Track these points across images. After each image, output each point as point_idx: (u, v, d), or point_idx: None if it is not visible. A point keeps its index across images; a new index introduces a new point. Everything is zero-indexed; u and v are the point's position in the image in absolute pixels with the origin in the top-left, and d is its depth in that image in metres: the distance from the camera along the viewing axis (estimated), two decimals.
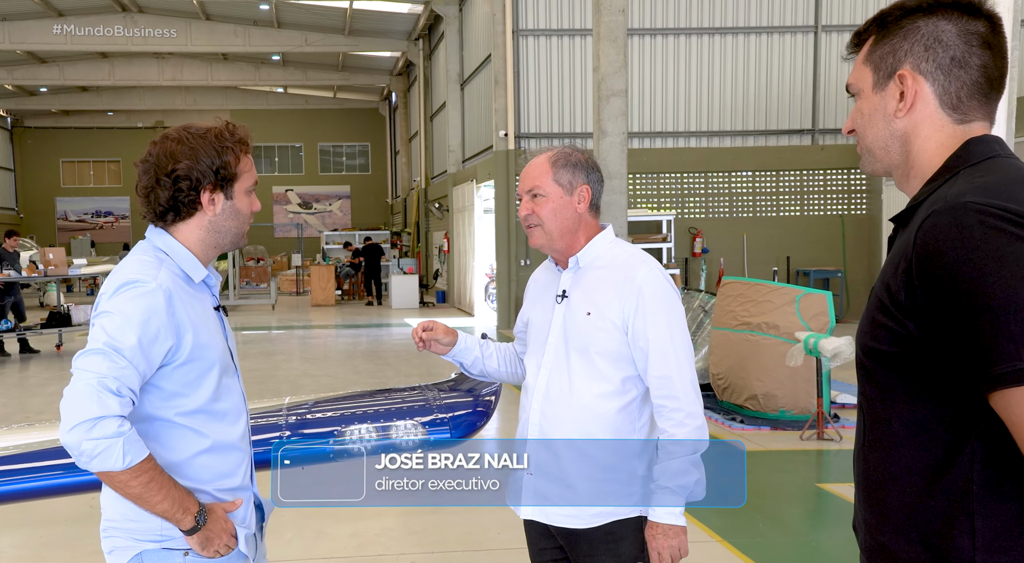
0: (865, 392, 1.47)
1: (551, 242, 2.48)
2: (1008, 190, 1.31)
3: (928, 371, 1.34)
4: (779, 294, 7.93)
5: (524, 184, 2.50)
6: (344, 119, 38.69)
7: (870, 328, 1.41)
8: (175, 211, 2.09)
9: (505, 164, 15.86)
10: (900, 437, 1.39)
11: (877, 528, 1.43)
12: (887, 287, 1.37)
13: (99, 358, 1.92)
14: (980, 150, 1.42)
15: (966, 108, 1.44)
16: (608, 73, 10.96)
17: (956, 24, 1.42)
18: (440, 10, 21.27)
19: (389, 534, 5.17)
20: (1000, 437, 1.28)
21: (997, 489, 1.30)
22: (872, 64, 1.50)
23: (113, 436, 1.86)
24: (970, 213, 1.27)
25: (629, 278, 2.38)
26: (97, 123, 38.57)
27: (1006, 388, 1.21)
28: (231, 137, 2.10)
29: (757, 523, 5.31)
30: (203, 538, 2.03)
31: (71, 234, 36.76)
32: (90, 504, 5.54)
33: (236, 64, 31.17)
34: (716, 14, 16.14)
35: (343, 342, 15.04)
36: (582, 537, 2.39)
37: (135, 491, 1.93)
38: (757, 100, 16.34)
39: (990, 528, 1.29)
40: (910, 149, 1.48)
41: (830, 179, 16.40)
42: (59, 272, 13.31)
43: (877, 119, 1.50)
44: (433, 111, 25.38)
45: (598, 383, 2.38)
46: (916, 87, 1.44)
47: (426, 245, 26.62)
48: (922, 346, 1.33)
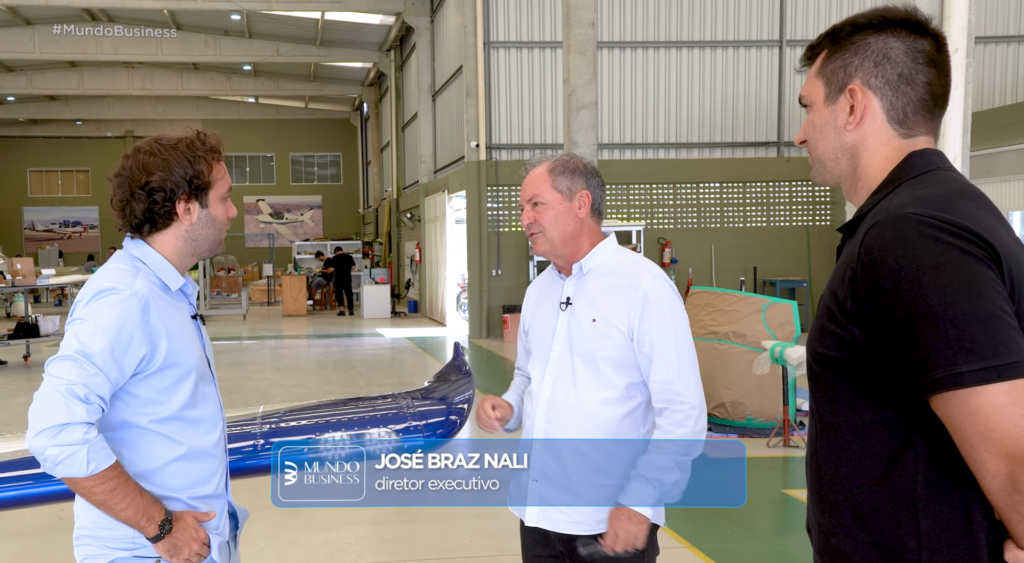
0: (815, 398, 1.51)
1: (554, 249, 2.48)
2: (946, 202, 1.36)
3: (874, 376, 1.38)
4: (746, 304, 8.06)
5: (524, 193, 2.52)
6: (316, 129, 38.61)
7: (819, 335, 1.45)
8: (151, 223, 2.10)
9: (477, 175, 15.94)
10: (848, 441, 1.43)
11: (829, 530, 1.47)
12: (834, 295, 1.41)
13: (69, 364, 1.92)
14: (921, 163, 1.47)
15: (911, 123, 1.49)
16: (578, 85, 11.09)
17: (904, 42, 1.47)
18: (411, 21, 21.34)
19: (362, 543, 5.20)
20: (943, 440, 1.32)
21: (941, 490, 1.34)
22: (824, 78, 1.55)
23: (78, 443, 1.88)
24: (910, 224, 1.32)
25: (634, 285, 2.39)
26: (66, 132, 38.20)
27: (944, 392, 1.26)
28: (203, 146, 2.11)
29: (725, 529, 5.40)
30: (170, 545, 2.03)
31: (39, 244, 36.34)
32: (59, 515, 5.54)
33: (207, 74, 31.02)
34: (684, 28, 16.35)
35: (315, 352, 15.01)
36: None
37: (99, 497, 1.94)
38: (724, 113, 16.56)
39: (934, 528, 1.34)
40: (858, 161, 1.53)
41: (795, 191, 16.64)
42: (27, 282, 13.17)
43: (828, 131, 1.55)
44: (405, 122, 25.42)
45: (603, 389, 2.38)
46: (865, 101, 1.49)
47: (398, 255, 26.60)
48: (868, 352, 1.37)
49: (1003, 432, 1.23)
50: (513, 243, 16.07)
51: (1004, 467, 1.23)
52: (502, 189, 16.01)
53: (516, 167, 15.96)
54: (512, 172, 16.01)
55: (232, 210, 2.22)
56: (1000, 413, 1.23)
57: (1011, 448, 1.22)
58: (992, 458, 1.24)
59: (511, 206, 16.08)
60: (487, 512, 5.68)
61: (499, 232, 16.05)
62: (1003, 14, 16.44)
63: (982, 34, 15.44)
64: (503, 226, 16.08)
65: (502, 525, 5.30)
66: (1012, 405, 1.23)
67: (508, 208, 16.08)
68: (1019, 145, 12.14)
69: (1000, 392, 1.23)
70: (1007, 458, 1.22)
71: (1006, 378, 1.23)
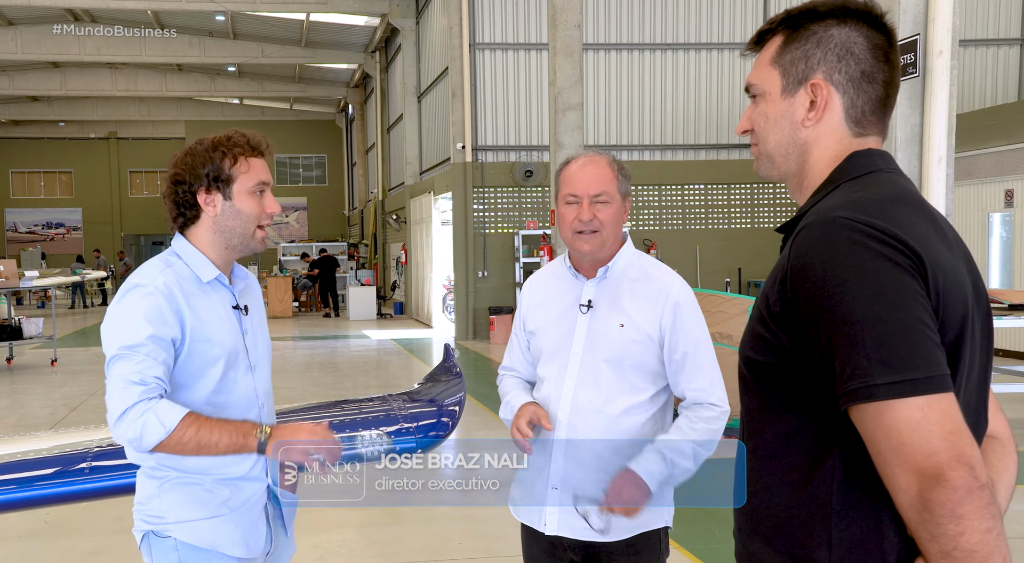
0: (745, 402, 1.47)
1: (602, 250, 2.40)
2: (879, 207, 1.31)
3: (798, 384, 1.34)
4: (732, 305, 8.10)
5: (587, 187, 2.37)
6: (301, 131, 38.50)
7: (750, 339, 1.42)
8: (181, 215, 2.26)
9: (462, 176, 15.95)
10: (772, 448, 1.40)
11: (748, 536, 1.44)
12: (765, 298, 1.38)
13: (118, 363, 2.09)
14: (862, 164, 1.42)
15: (867, 122, 1.44)
16: (564, 87, 11.12)
17: (865, 36, 1.41)
18: (397, 23, 21.33)
19: (351, 545, 5.20)
20: (860, 452, 1.28)
21: (855, 503, 1.30)
22: (781, 67, 1.46)
23: (142, 414, 2.03)
24: (839, 228, 1.28)
25: (664, 291, 2.35)
26: (48, 133, 37.94)
27: (859, 403, 1.22)
28: (228, 143, 2.24)
29: (713, 530, 5.43)
30: (277, 450, 2.11)
31: (21, 246, 36.06)
32: (44, 520, 5.52)
33: (191, 75, 30.89)
34: (669, 30, 16.42)
35: (301, 354, 14.97)
36: (603, 551, 2.35)
37: (192, 446, 2.06)
38: (709, 114, 16.64)
39: (845, 540, 1.30)
40: (807, 159, 1.46)
41: (779, 193, 16.73)
42: (10, 284, 13.07)
43: (783, 125, 1.46)
44: (390, 123, 25.39)
45: (629, 395, 2.33)
46: (828, 97, 1.42)
47: (383, 257, 26.57)
48: (793, 358, 1.33)
49: (915, 448, 1.18)
50: (499, 245, 16.09)
51: (915, 484, 1.19)
52: (488, 190, 16.03)
53: (502, 169, 16.01)
54: (498, 173, 16.03)
55: (272, 206, 2.29)
56: (913, 428, 1.19)
57: (922, 465, 1.18)
58: (904, 474, 1.20)
59: (497, 208, 16.10)
60: (475, 514, 5.69)
61: (485, 234, 16.06)
62: (983, 17, 16.59)
63: (963, 37, 15.57)
64: (489, 228, 16.09)
65: (491, 527, 5.31)
66: (925, 421, 1.19)
67: (494, 209, 16.10)
68: (999, 148, 12.25)
69: (914, 407, 1.19)
70: (918, 475, 1.18)
71: (921, 393, 1.19)
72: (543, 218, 15.99)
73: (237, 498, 2.24)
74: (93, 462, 2.81)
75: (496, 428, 8.08)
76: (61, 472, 2.83)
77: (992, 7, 16.65)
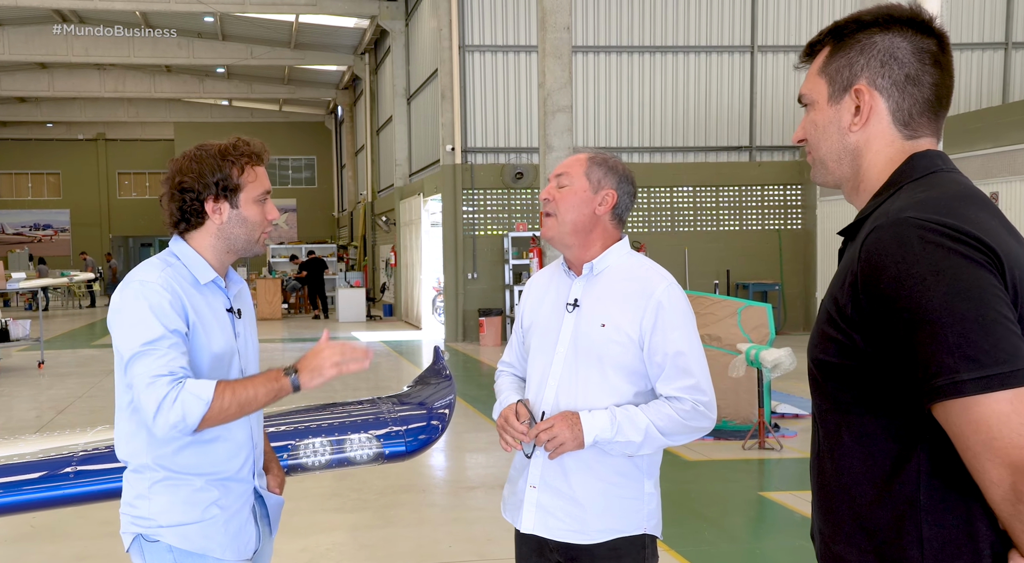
0: (817, 403, 1.48)
1: (561, 236, 2.38)
2: (947, 205, 1.33)
3: (875, 383, 1.35)
4: (721, 307, 8.12)
5: (555, 170, 2.42)
6: (290, 132, 38.40)
7: (819, 340, 1.43)
8: (185, 221, 2.27)
9: (452, 178, 15.94)
10: (850, 447, 1.40)
11: (831, 537, 1.45)
12: (835, 300, 1.39)
13: (141, 360, 2.10)
14: (923, 165, 1.44)
15: (916, 124, 1.46)
16: (554, 89, 11.13)
17: (910, 41, 1.44)
18: (386, 25, 21.32)
19: (340, 548, 5.18)
20: (945, 448, 1.29)
21: (943, 499, 1.31)
22: (827, 76, 1.50)
23: (176, 399, 2.05)
24: (910, 228, 1.30)
25: (647, 292, 2.31)
26: (36, 135, 37.74)
27: (945, 400, 1.23)
28: (235, 151, 2.26)
29: (703, 531, 5.44)
30: (307, 377, 2.17)
31: (8, 247, 35.85)
32: (30, 524, 5.48)
33: (180, 76, 30.79)
34: (657, 33, 16.47)
35: (290, 356, 14.93)
36: (584, 553, 2.32)
37: (233, 410, 2.11)
38: (697, 117, 16.69)
39: (937, 537, 1.31)
40: (861, 163, 1.50)
41: (767, 195, 16.79)
42: None
43: (831, 131, 1.51)
44: (380, 125, 25.37)
45: (609, 396, 2.30)
46: (872, 102, 1.46)
47: (373, 258, 26.53)
48: (868, 358, 1.35)
49: (1006, 441, 1.20)
50: (489, 246, 16.09)
51: (1008, 476, 1.21)
52: (477, 192, 16.03)
53: (491, 171, 16.02)
54: (487, 175, 16.03)
55: (273, 212, 2.34)
56: (1003, 422, 1.20)
57: (1014, 457, 1.20)
58: (995, 468, 1.21)
59: (487, 209, 16.10)
60: (466, 517, 5.68)
61: (475, 235, 16.06)
62: (967, 21, 16.70)
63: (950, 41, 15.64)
64: (479, 229, 16.09)
65: (481, 530, 5.31)
66: (1015, 414, 1.20)
67: (483, 211, 16.10)
68: (984, 151, 12.32)
69: (1002, 400, 1.20)
70: (1011, 467, 1.20)
71: (1008, 386, 1.21)
72: (533, 220, 15.99)
73: (227, 499, 2.25)
74: (79, 466, 2.79)
75: (486, 430, 8.12)
76: (48, 476, 2.81)
77: (977, 11, 16.75)
